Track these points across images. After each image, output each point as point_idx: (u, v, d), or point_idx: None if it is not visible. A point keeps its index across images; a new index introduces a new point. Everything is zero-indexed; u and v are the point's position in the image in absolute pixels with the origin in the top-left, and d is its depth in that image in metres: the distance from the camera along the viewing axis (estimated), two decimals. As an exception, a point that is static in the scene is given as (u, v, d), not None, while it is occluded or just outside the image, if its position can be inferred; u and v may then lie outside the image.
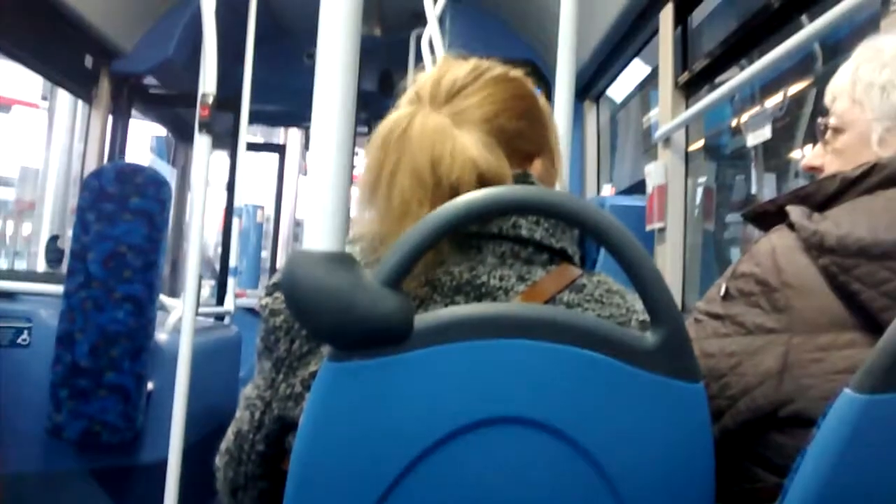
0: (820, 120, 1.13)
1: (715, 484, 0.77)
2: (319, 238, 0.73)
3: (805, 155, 3.05)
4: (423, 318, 0.73)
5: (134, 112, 3.94)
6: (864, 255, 0.92)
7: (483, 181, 0.87)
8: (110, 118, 3.67)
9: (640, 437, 0.75)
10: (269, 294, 0.92)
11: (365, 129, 4.83)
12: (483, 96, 0.95)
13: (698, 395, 0.76)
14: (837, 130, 1.10)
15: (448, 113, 0.94)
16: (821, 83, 2.84)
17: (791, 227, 1.00)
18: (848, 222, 0.95)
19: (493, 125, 0.94)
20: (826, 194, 1.03)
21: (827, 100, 1.13)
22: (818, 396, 0.92)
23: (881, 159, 1.01)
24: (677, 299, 2.42)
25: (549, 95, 1.37)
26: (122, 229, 2.02)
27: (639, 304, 0.87)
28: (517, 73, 1.01)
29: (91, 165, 3.51)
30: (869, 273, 0.92)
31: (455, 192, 0.86)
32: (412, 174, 0.87)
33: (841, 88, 1.10)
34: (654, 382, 0.75)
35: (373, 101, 4.13)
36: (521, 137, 0.97)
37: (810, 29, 1.61)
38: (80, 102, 3.99)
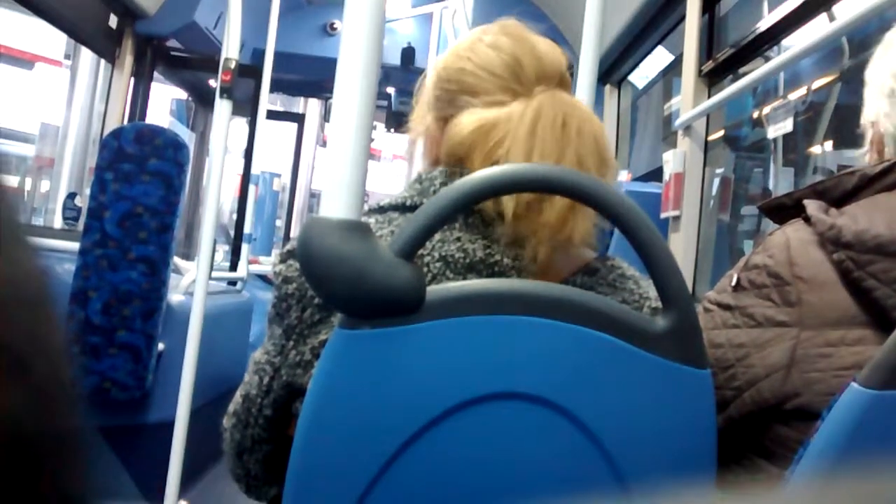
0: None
1: (716, 469, 0.78)
2: (336, 208, 0.73)
3: (825, 151, 3.03)
4: (436, 291, 0.74)
5: (155, 75, 3.94)
6: (880, 251, 0.91)
7: None
8: (132, 79, 3.68)
9: (644, 419, 0.75)
10: (282, 261, 0.92)
11: (385, 103, 4.82)
12: None
13: (704, 382, 0.77)
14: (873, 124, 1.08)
15: None
16: (846, 78, 2.80)
17: (807, 220, 1.00)
18: (866, 218, 0.94)
19: None
20: (844, 190, 1.02)
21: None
22: (824, 391, 0.92)
23: None
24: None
25: (572, 77, 1.36)
26: (139, 190, 2.03)
27: (652, 291, 0.87)
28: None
29: (111, 125, 3.51)
30: (884, 270, 0.91)
31: None
32: None
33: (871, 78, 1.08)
34: (661, 366, 0.75)
35: (394, 75, 4.12)
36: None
37: (838, 23, 1.59)
38: (102, 62, 3.99)
